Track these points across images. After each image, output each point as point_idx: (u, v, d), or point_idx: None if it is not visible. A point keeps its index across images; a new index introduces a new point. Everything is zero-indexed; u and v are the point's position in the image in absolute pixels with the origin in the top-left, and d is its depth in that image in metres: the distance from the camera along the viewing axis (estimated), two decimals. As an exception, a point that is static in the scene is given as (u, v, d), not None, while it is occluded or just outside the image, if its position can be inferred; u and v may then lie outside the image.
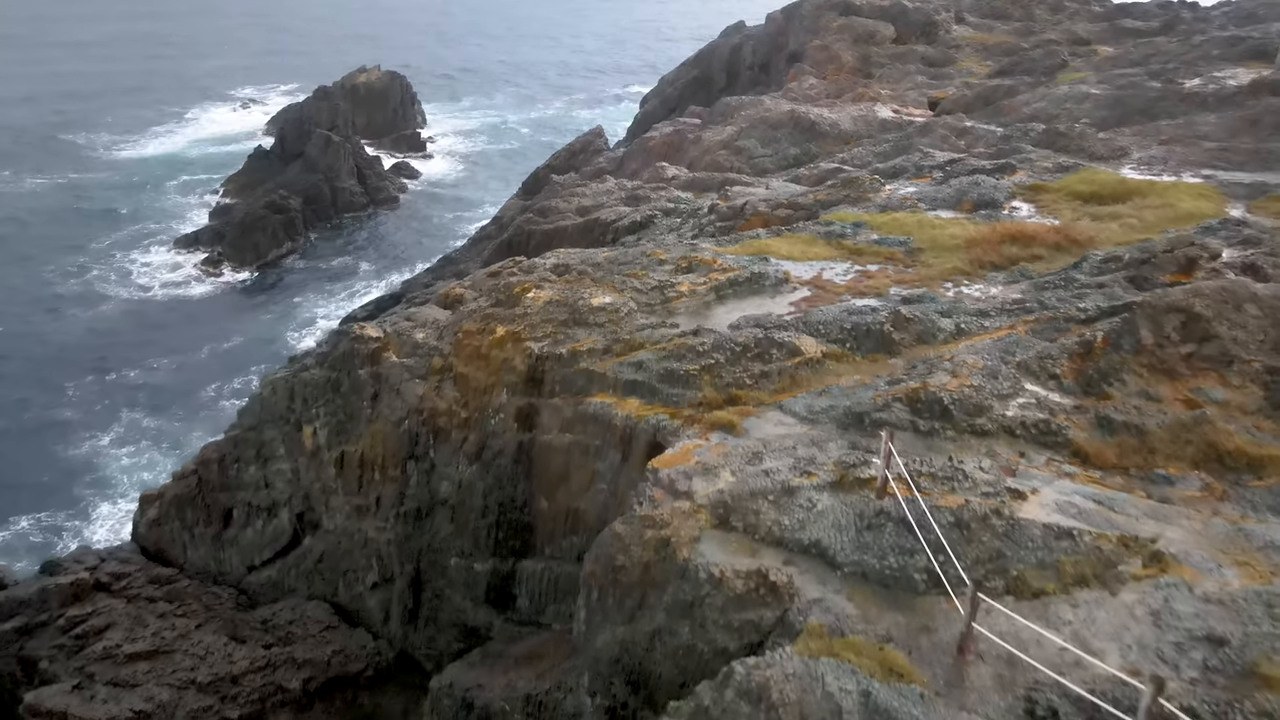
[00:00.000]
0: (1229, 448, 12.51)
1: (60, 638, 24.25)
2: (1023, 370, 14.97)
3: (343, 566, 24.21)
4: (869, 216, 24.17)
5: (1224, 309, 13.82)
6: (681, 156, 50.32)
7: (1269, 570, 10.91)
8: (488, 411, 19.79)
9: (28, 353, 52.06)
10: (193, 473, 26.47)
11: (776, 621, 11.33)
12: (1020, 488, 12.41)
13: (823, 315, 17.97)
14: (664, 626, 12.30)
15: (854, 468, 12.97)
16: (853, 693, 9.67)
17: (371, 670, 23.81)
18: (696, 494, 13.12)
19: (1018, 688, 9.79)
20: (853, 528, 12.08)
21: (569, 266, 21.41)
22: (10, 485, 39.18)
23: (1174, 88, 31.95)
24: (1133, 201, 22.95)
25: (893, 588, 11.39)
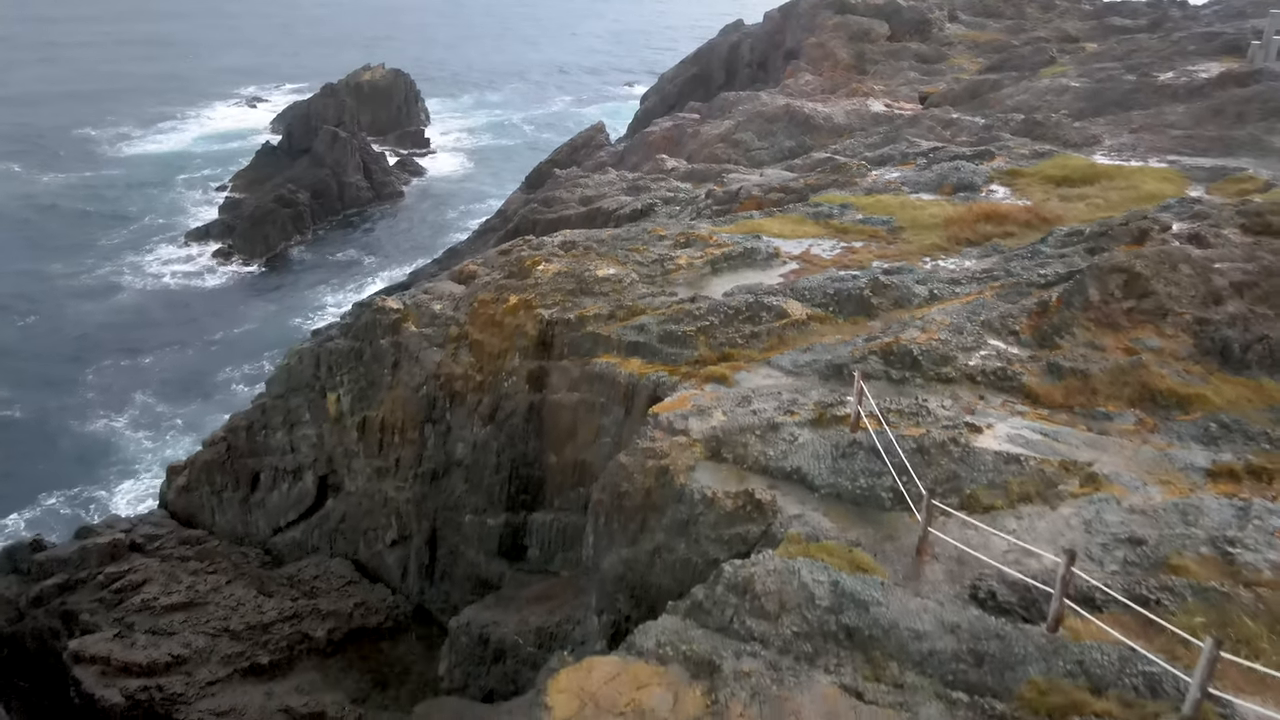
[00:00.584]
0: (1161, 388, 14.20)
1: (99, 593, 25.92)
2: (986, 328, 16.66)
3: (363, 526, 25.89)
4: (855, 199, 25.85)
5: (1161, 269, 15.51)
6: (681, 149, 51.94)
7: (1187, 487, 12.60)
8: (501, 375, 21.47)
9: (49, 341, 53.81)
10: (222, 439, 28.17)
11: (761, 535, 13.00)
12: (977, 423, 14.10)
13: (809, 283, 19.67)
14: (663, 544, 13.98)
15: (831, 407, 14.66)
16: (824, 582, 11.35)
17: (390, 622, 25.48)
18: (692, 431, 14.80)
19: (965, 579, 11.47)
20: (829, 456, 13.77)
21: (575, 243, 23.10)
22: (38, 465, 40.97)
23: (1148, 80, 33.64)
24: (1100, 184, 24.63)
25: (863, 505, 13.08)
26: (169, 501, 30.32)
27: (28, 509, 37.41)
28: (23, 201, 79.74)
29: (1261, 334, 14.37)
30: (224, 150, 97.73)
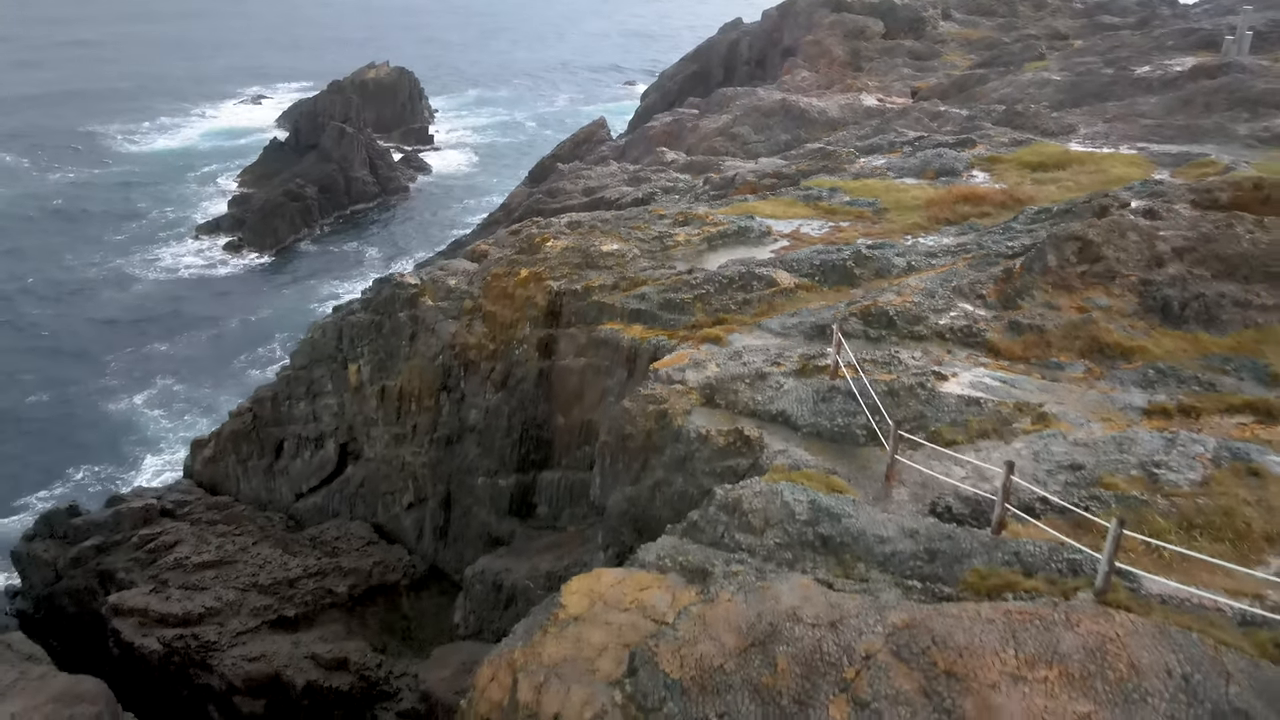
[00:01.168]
0: (1108, 341, 15.87)
1: (134, 553, 27.61)
2: (956, 292, 18.34)
3: (382, 490, 27.57)
4: (843, 183, 27.54)
5: (1111, 236, 17.18)
6: (680, 143, 53.62)
7: (1125, 423, 14.27)
8: (513, 343, 23.16)
9: (70, 331, 55.58)
10: (248, 410, 29.86)
11: (750, 466, 14.68)
12: (943, 372, 15.78)
13: (797, 256, 21.36)
14: (662, 480, 15.67)
15: (814, 359, 16.35)
16: (803, 501, 13.01)
17: (407, 580, 27.18)
18: (688, 381, 16.48)
19: (926, 499, 13.14)
20: (810, 400, 15.45)
21: (581, 223, 24.78)
22: (67, 444, 42.82)
23: (1125, 74, 35.31)
24: (1072, 169, 26.31)
25: (839, 441, 14.76)
26: (194, 472, 32.01)
27: (58, 484, 39.14)
28: (35, 197, 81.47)
29: (1198, 292, 16.04)
30: (230, 147, 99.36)
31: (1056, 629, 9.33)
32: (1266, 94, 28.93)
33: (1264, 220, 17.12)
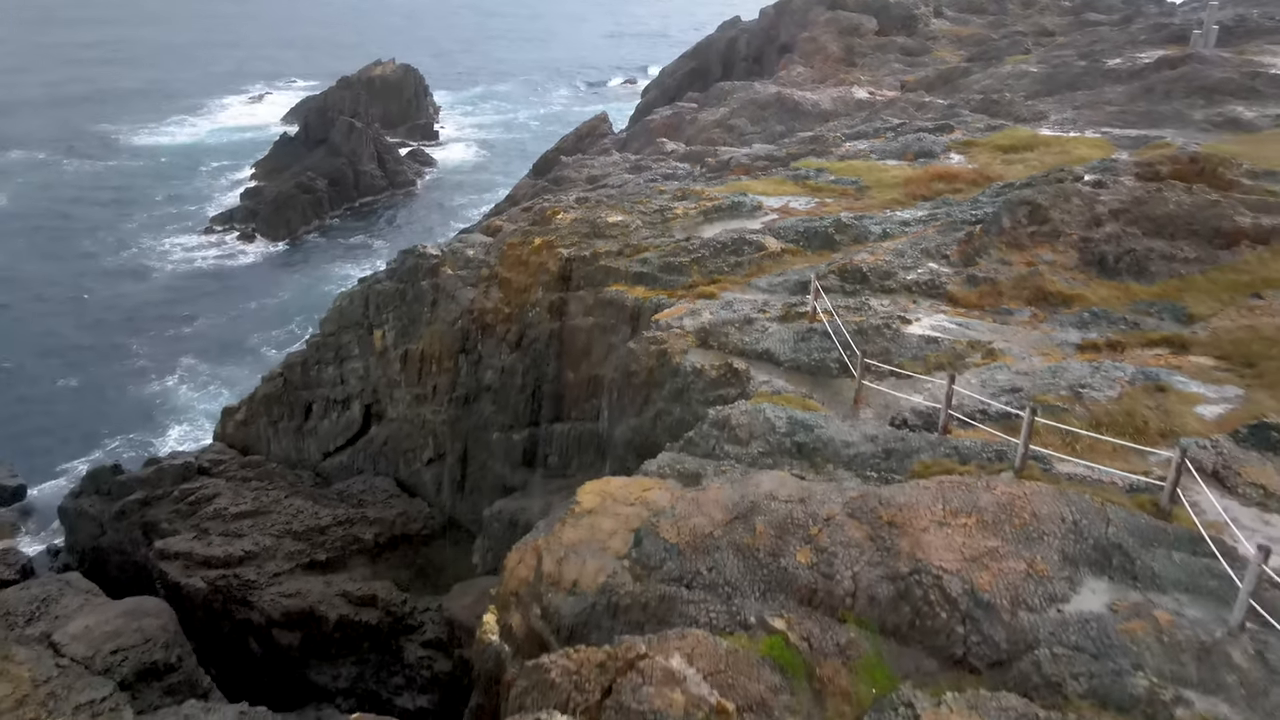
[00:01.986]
0: (1051, 290, 18.18)
1: (176, 505, 29.91)
2: (924, 253, 20.66)
3: (404, 447, 29.88)
4: (829, 164, 29.85)
5: (1057, 200, 19.49)
6: (679, 134, 55.89)
7: (1060, 357, 16.57)
8: (526, 306, 25.47)
9: (94, 315, 57.99)
10: (279, 375, 32.17)
11: (738, 395, 16.99)
12: (908, 317, 18.09)
13: (784, 225, 23.67)
14: (663, 410, 17.99)
15: (795, 307, 18.68)
16: (782, 417, 15.33)
17: (428, 530, 29.49)
18: (685, 326, 18.81)
19: (887, 415, 15.45)
20: (791, 340, 17.77)
21: (588, 198, 27.09)
22: (100, 419, 45.26)
23: (1096, 66, 37.61)
24: (1039, 150, 28.60)
25: (816, 374, 17.07)
26: (225, 436, 34.31)
27: (94, 452, 41.46)
28: (52, 190, 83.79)
29: (1130, 248, 18.34)
30: (238, 142, 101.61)
31: (977, 491, 11.66)
32: (1221, 83, 31.21)
33: (1192, 187, 19.43)
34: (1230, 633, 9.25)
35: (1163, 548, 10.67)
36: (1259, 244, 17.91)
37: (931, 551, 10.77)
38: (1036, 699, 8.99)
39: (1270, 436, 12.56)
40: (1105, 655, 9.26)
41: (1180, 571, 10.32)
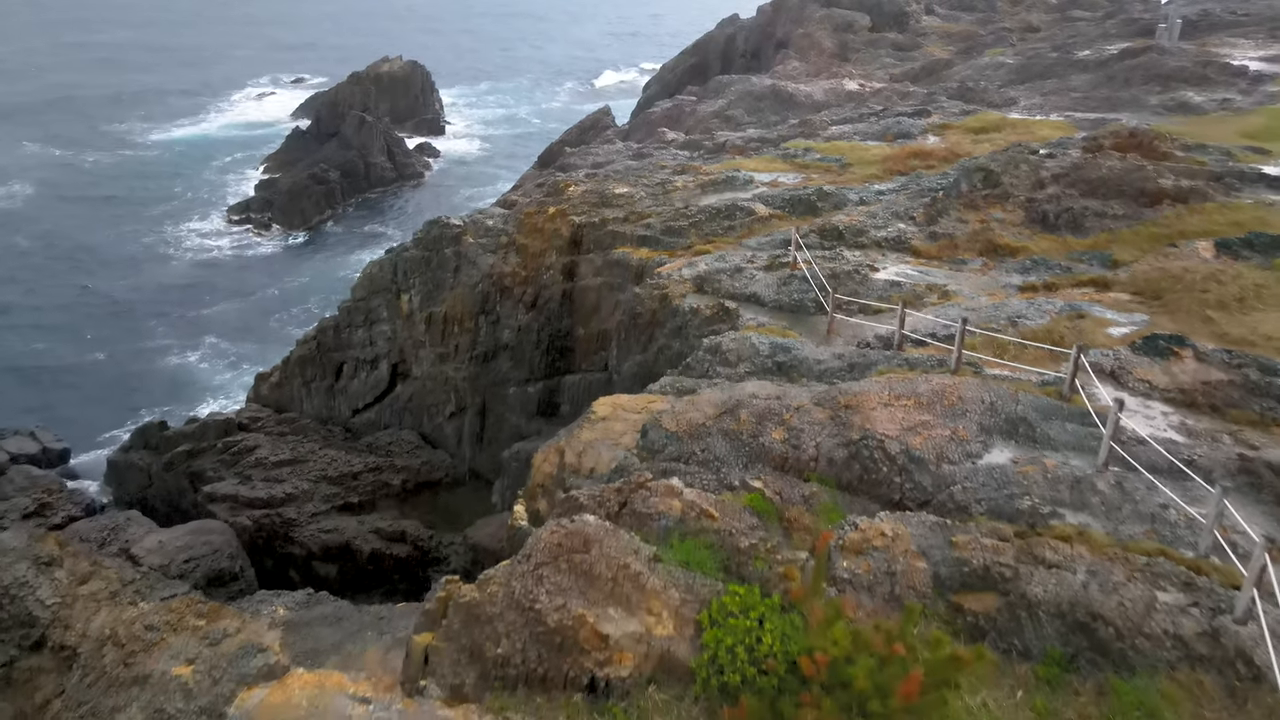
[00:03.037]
0: (1000, 243, 21.03)
1: (220, 456, 32.74)
2: (894, 216, 23.52)
3: (427, 403, 32.72)
4: (816, 145, 32.70)
5: (1008, 167, 22.35)
6: (679, 125, 58.66)
7: (1004, 296, 19.42)
8: (541, 270, 28.32)
9: (119, 299, 60.97)
10: (313, 338, 35.01)
11: (728, 329, 19.82)
12: (875, 265, 20.96)
13: (772, 194, 26.51)
14: (664, 345, 20.85)
15: (779, 258, 21.53)
16: (766, 343, 18.17)
17: (449, 478, 32.34)
18: (684, 276, 21.66)
19: (854, 341, 18.31)
20: (775, 285, 20.62)
21: (596, 173, 29.91)
22: (131, 393, 48.14)
23: (1067, 57, 40.45)
24: (1006, 131, 31.43)
25: (796, 312, 19.93)
26: (260, 398, 37.15)
27: (129, 423, 44.27)
28: (74, 182, 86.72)
29: (1068, 207, 21.19)
30: (249, 137, 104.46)
31: (917, 382, 14.51)
32: (1176, 71, 34.06)
33: (1126, 156, 22.29)
34: (1097, 470, 12.10)
35: (1058, 420, 13.53)
36: (1178, 203, 20.77)
37: (877, 424, 13.61)
38: (947, 516, 11.83)
39: (1158, 345, 15.42)
40: (1003, 488, 12.12)
41: (1069, 436, 13.18)
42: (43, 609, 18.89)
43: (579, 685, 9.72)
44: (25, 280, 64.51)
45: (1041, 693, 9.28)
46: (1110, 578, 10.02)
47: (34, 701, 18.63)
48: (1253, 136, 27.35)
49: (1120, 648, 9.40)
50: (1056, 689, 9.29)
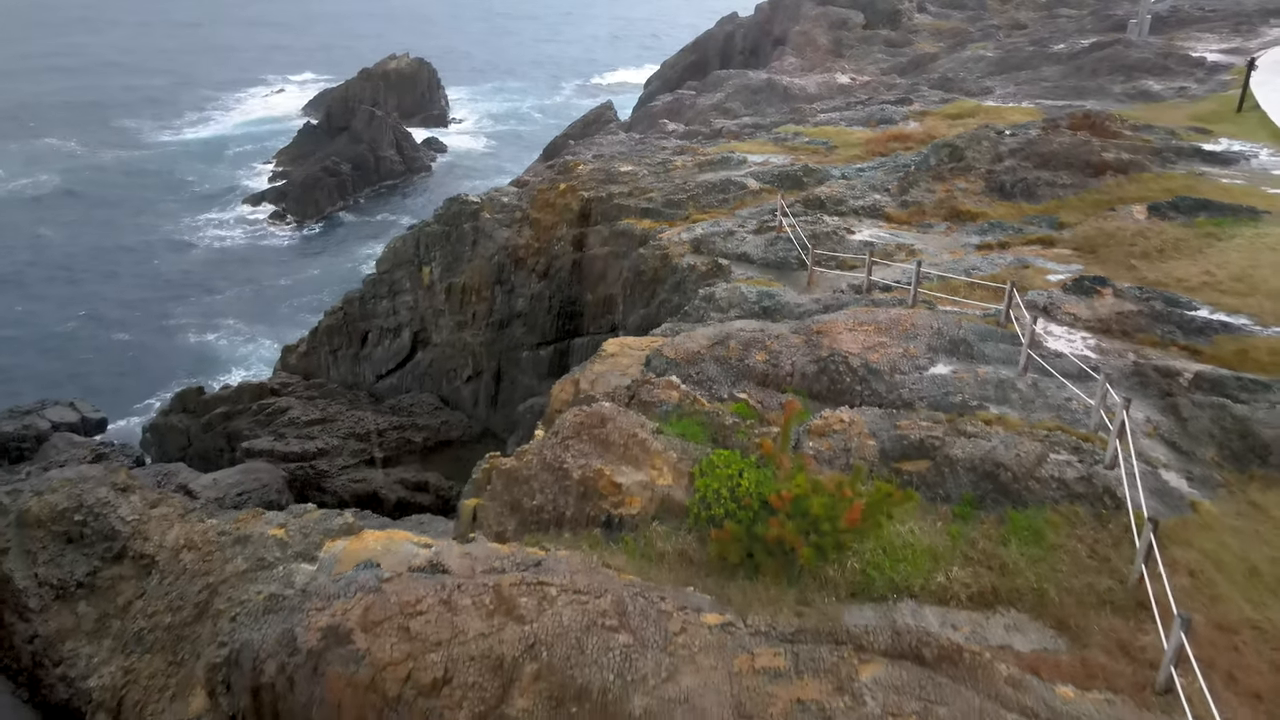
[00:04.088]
0: (962, 209, 23.75)
1: (255, 417, 35.47)
2: (870, 188, 26.24)
3: (446, 367, 35.44)
4: (805, 129, 35.42)
5: (971, 143, 25.05)
6: (680, 117, 61.33)
7: (963, 254, 22.13)
8: (553, 241, 31.03)
9: (141, 286, 63.87)
10: (339, 309, 37.75)
11: (721, 283, 22.54)
12: (852, 229, 23.67)
13: (763, 171, 29.24)
14: (665, 299, 23.56)
15: (766, 222, 24.26)
16: (754, 292, 20.90)
17: (466, 437, 35.03)
18: (682, 239, 24.38)
19: (831, 290, 21.02)
20: (762, 246, 23.33)
21: (603, 153, 32.62)
22: (156, 369, 51.01)
23: (1042, 50, 43.15)
24: (979, 117, 34.11)
25: (780, 268, 22.64)
26: (288, 367, 39.87)
27: (156, 395, 47.07)
28: (94, 175, 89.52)
29: (1022, 177, 23.90)
30: (260, 132, 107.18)
31: (877, 313, 17.24)
32: (1139, 62, 36.77)
33: (1077, 133, 25.01)
34: (1017, 375, 14.83)
35: (993, 341, 16.25)
36: (1119, 173, 23.48)
37: (843, 344, 16.33)
38: (895, 409, 14.55)
39: (1084, 286, 18.15)
40: (941, 390, 14.84)
41: (1001, 353, 15.90)
42: (123, 524, 21.62)
43: (598, 523, 12.44)
44: (51, 266, 67.28)
45: (956, 523, 12.00)
46: (1015, 442, 12.76)
47: (116, 604, 21.37)
48: (1201, 119, 30.06)
49: (1017, 488, 12.13)
50: (967, 520, 12.01)
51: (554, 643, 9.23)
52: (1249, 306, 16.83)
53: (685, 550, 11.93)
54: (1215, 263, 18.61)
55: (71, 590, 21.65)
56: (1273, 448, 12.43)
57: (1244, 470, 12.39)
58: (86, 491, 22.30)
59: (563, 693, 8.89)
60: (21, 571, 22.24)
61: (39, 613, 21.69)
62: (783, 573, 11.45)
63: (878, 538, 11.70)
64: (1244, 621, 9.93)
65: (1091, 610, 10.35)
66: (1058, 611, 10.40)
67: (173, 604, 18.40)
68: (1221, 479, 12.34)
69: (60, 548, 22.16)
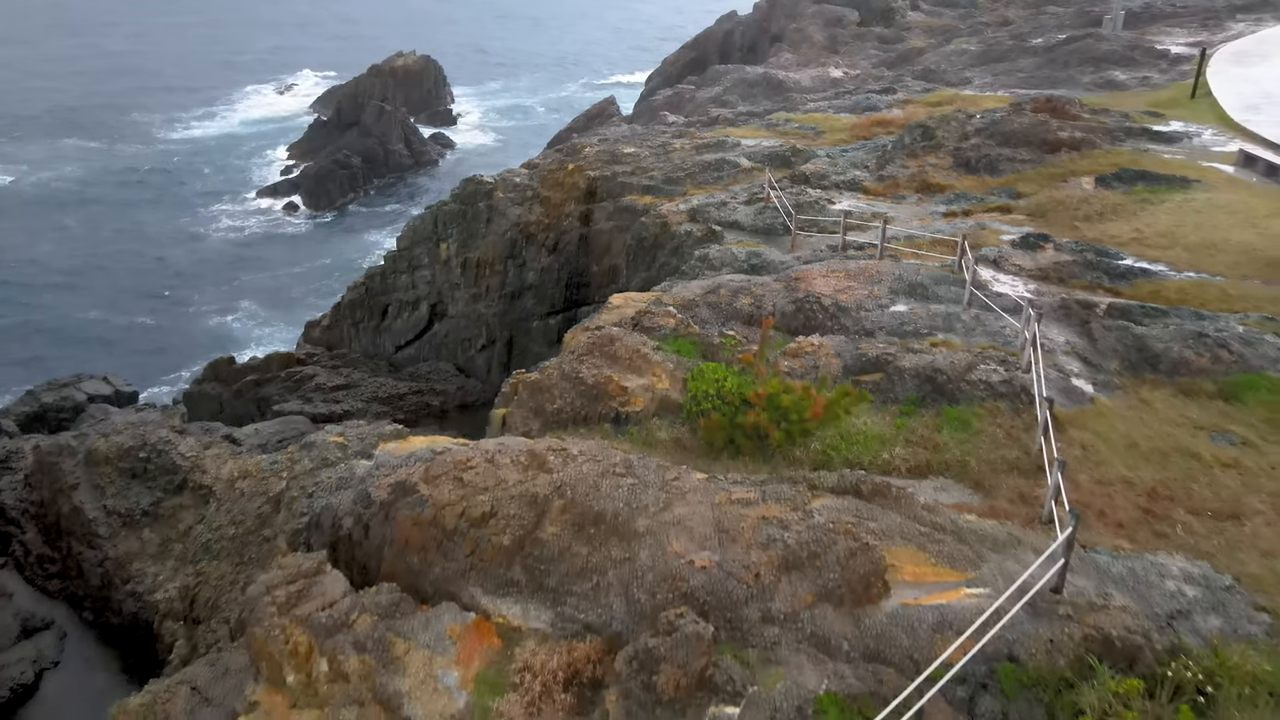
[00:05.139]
0: (932, 183, 26.41)
1: (284, 384, 38.13)
2: (851, 165, 28.91)
3: (461, 337, 38.11)
4: (795, 116, 38.09)
5: (941, 123, 27.71)
6: (680, 110, 64.03)
7: (931, 220, 24.80)
8: (561, 217, 33.70)
9: (163, 274, 66.85)
10: (362, 284, 40.45)
11: (714, 245, 25.20)
12: (832, 200, 26.34)
13: (755, 151, 31.90)
14: (665, 262, 26.23)
15: (756, 194, 26.93)
16: (743, 252, 23.57)
17: (481, 402, 37.65)
18: (680, 209, 27.06)
19: (812, 250, 23.68)
20: (752, 214, 26.00)
21: (608, 138, 35.29)
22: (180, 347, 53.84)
23: (1021, 44, 45.79)
24: (957, 105, 36.77)
25: (767, 233, 25.31)
26: (311, 340, 42.54)
27: (180, 372, 49.79)
28: (113, 168, 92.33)
29: (986, 154, 26.55)
30: (269, 129, 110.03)
31: (848, 263, 19.91)
32: (1108, 54, 39.41)
33: (1038, 115, 27.67)
34: (962, 309, 17.49)
35: (946, 285, 18.90)
36: (1073, 150, 26.15)
37: (816, 288, 18.99)
38: (858, 337, 17.21)
39: (1030, 241, 20.81)
40: (898, 321, 17.50)
41: (952, 295, 18.55)
42: (182, 460, 24.32)
43: (608, 419, 15.11)
44: (74, 255, 70.06)
45: (901, 417, 14.66)
46: (953, 356, 15.43)
47: (178, 530, 24.09)
48: (1158, 105, 32.72)
49: (951, 389, 14.79)
50: (910, 415, 14.67)
51: (576, 484, 11.90)
52: (1167, 257, 19.51)
53: (679, 438, 14.61)
54: (1145, 223, 21.28)
55: (137, 518, 24.34)
56: (1162, 358, 15.11)
57: (1139, 376, 15.07)
58: (149, 431, 25.00)
59: (584, 519, 11.55)
60: (91, 503, 24.94)
61: (108, 539, 24.39)
62: (759, 453, 14.12)
63: (836, 427, 14.37)
64: (1119, 479, 12.60)
65: (1002, 474, 13.02)
66: (976, 476, 13.07)
67: (235, 519, 21.08)
68: (1120, 383, 15.01)
69: (126, 482, 24.85)
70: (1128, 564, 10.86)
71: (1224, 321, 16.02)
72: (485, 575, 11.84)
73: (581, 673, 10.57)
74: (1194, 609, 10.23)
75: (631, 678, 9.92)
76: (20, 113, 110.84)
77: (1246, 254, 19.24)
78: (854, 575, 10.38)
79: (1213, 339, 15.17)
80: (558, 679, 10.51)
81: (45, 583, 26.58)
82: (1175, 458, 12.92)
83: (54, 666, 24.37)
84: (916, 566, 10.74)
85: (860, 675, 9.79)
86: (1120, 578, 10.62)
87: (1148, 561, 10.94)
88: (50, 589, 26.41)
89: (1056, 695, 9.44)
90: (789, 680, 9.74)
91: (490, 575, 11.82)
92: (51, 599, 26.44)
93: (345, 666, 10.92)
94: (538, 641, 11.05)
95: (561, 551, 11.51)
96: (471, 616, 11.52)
